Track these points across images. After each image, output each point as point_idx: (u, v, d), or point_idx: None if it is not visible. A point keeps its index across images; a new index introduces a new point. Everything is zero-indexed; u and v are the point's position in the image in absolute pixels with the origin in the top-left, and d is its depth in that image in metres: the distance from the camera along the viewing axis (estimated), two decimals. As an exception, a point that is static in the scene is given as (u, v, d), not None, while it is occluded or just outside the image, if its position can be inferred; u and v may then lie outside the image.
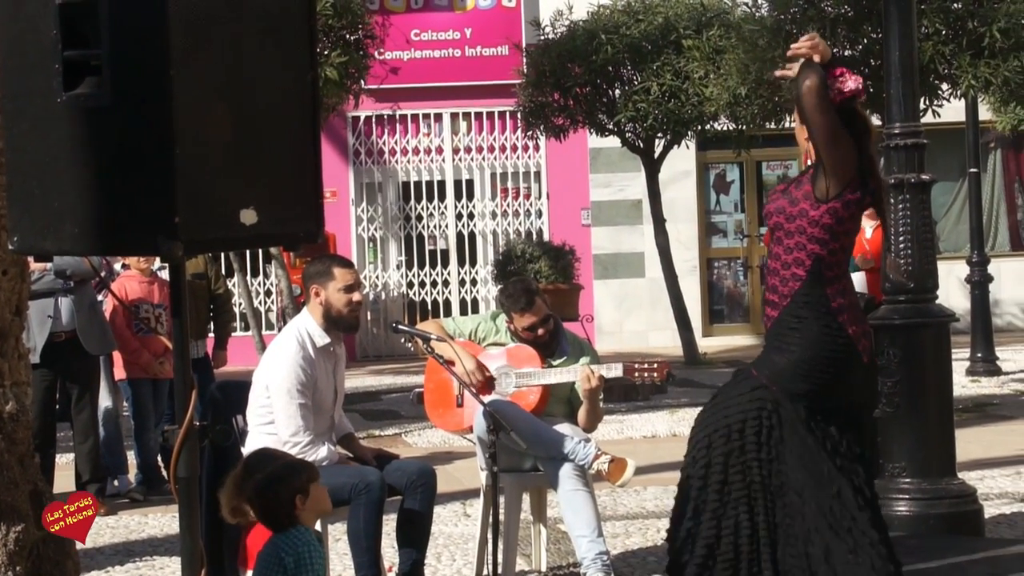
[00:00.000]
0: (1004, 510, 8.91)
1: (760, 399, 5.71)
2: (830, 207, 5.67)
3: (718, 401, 5.88)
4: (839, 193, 5.67)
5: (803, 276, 5.71)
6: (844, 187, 5.66)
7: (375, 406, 15.94)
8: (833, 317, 5.69)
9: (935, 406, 7.65)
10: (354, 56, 14.97)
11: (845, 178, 5.67)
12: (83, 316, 9.88)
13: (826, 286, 5.70)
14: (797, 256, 5.73)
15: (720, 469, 5.73)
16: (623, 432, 13.22)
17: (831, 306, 5.69)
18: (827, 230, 5.68)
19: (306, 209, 4.71)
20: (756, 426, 5.69)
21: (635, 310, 22.30)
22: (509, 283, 7.81)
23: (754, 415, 5.70)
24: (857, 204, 5.73)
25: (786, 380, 5.70)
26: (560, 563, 7.95)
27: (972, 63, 12.49)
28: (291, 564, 5.17)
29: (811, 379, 5.69)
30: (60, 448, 10.51)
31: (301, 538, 5.22)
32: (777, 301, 5.79)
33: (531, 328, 7.55)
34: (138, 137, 4.29)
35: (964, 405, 13.59)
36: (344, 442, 7.18)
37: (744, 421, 5.71)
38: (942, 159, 20.77)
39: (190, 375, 4.75)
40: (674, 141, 18.16)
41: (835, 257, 5.73)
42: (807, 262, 5.71)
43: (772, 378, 5.72)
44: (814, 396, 5.69)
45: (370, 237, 22.56)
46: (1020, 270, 22.65)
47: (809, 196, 5.71)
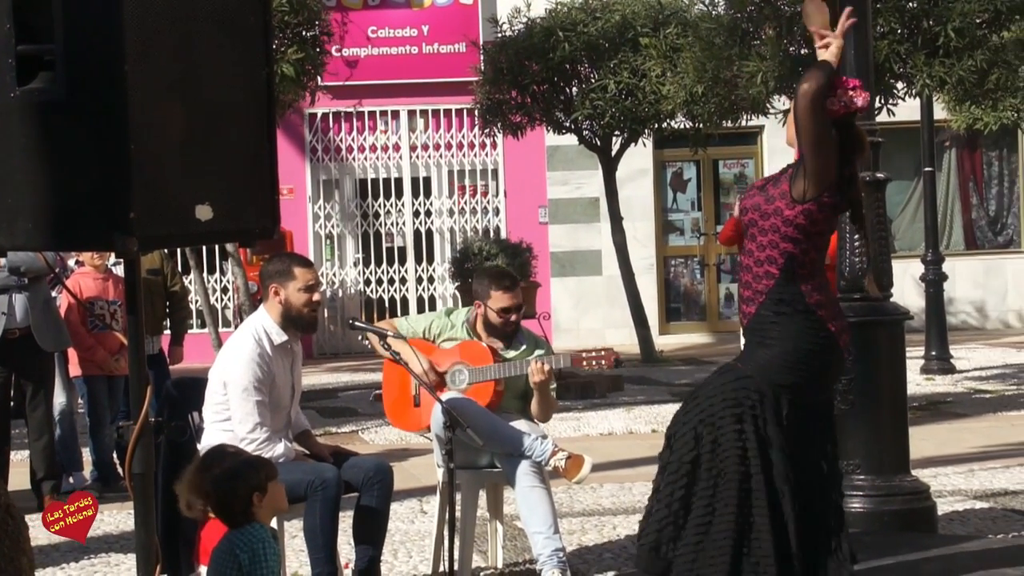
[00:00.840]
0: (957, 507, 8.96)
1: (745, 388, 5.72)
2: (805, 208, 5.69)
3: (701, 393, 5.87)
4: (816, 196, 5.68)
5: (776, 274, 5.73)
6: (822, 191, 5.68)
7: (332, 403, 15.91)
8: (813, 312, 5.72)
9: (889, 404, 7.69)
10: (311, 53, 14.92)
11: (824, 183, 5.68)
12: (37, 313, 9.83)
13: (800, 283, 5.72)
14: (770, 254, 5.75)
15: (709, 459, 5.72)
16: (580, 429, 13.24)
17: (808, 302, 5.72)
18: (800, 230, 5.70)
19: (261, 205, 4.72)
20: (738, 414, 5.70)
21: (592, 308, 22.33)
22: (488, 267, 7.85)
23: (734, 404, 5.71)
24: (832, 208, 5.75)
25: (772, 372, 5.71)
26: (516, 559, 7.95)
27: (927, 62, 12.55)
28: (246, 561, 5.16)
29: (795, 371, 5.72)
30: (15, 445, 10.46)
31: (256, 535, 5.21)
32: (752, 297, 5.81)
33: (506, 310, 7.56)
34: (92, 132, 4.29)
35: (918, 403, 13.67)
36: (301, 439, 7.17)
37: (729, 409, 5.72)
38: (897, 158, 20.88)
39: (145, 371, 4.74)
40: (631, 139, 18.19)
41: (807, 256, 5.74)
42: (780, 260, 5.73)
43: (757, 370, 5.75)
44: (798, 389, 5.71)
45: (327, 234, 22.51)
46: (974, 269, 22.80)
47: (786, 196, 5.73)
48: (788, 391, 5.71)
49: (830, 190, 5.70)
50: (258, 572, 5.16)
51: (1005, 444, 11.42)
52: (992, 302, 23.01)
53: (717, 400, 5.76)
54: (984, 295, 22.96)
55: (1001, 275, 23.00)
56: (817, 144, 5.66)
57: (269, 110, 4.73)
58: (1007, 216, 23.52)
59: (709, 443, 5.73)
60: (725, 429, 5.71)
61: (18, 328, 9.79)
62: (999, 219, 23.57)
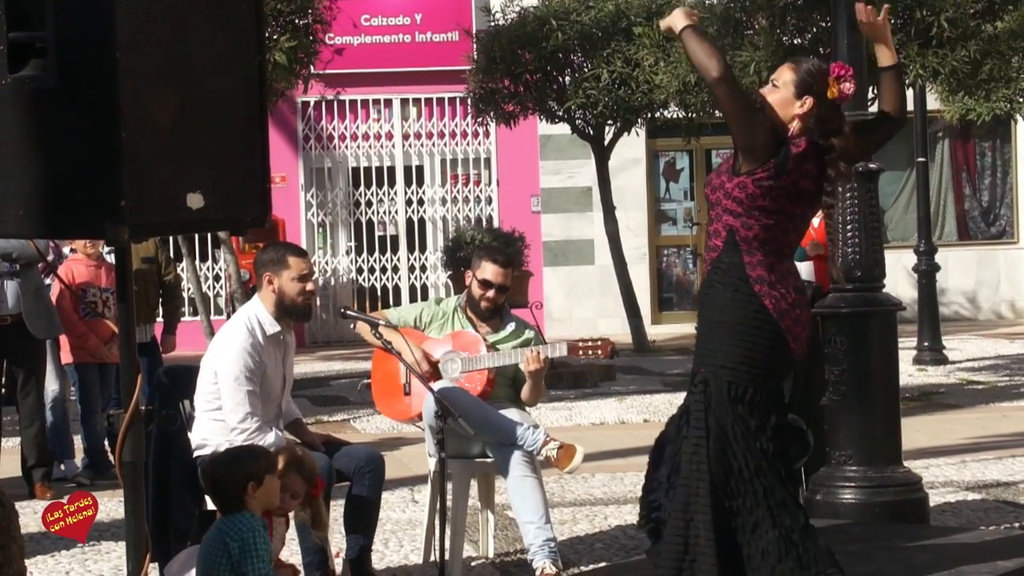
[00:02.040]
0: (949, 498, 8.97)
1: (694, 388, 5.72)
2: (740, 181, 5.69)
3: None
4: (750, 170, 5.69)
5: (719, 246, 5.74)
6: (755, 166, 5.67)
7: (324, 392, 15.91)
8: (748, 285, 5.65)
9: (881, 394, 7.67)
10: (303, 41, 14.89)
11: (753, 156, 5.68)
12: (29, 300, 9.81)
13: (743, 255, 5.69)
14: (716, 227, 5.79)
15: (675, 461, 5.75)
16: (571, 419, 13.24)
17: (746, 272, 5.67)
18: (739, 203, 5.69)
19: (253, 193, 4.71)
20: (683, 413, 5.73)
21: (584, 297, 22.33)
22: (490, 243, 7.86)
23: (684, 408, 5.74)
24: (770, 188, 5.68)
25: (710, 356, 5.70)
26: (508, 549, 7.95)
27: (920, 53, 12.55)
28: (235, 549, 5.16)
29: (730, 351, 5.66)
30: (6, 432, 10.45)
31: (247, 524, 5.21)
32: (706, 270, 5.86)
33: (487, 284, 7.54)
34: (84, 120, 4.28)
35: (911, 394, 13.69)
36: (292, 428, 7.16)
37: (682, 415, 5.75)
38: (890, 148, 20.68)
39: (136, 359, 4.73)
40: (624, 128, 18.18)
41: (750, 231, 5.68)
42: (723, 233, 5.74)
43: (698, 360, 5.75)
44: (737, 372, 5.66)
45: (320, 223, 22.50)
46: (967, 260, 22.81)
47: (729, 169, 5.77)
48: (729, 373, 5.65)
49: (768, 168, 5.67)
50: (248, 561, 5.16)
51: (997, 435, 11.43)
52: (985, 293, 23.02)
53: (683, 408, 5.82)
54: (977, 286, 22.98)
55: (994, 266, 23.02)
56: (737, 120, 5.71)
57: (261, 98, 4.72)
58: (1000, 207, 23.53)
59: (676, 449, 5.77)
60: (679, 434, 5.74)
61: (9, 315, 9.77)
62: (992, 210, 23.58)
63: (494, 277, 7.57)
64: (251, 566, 5.15)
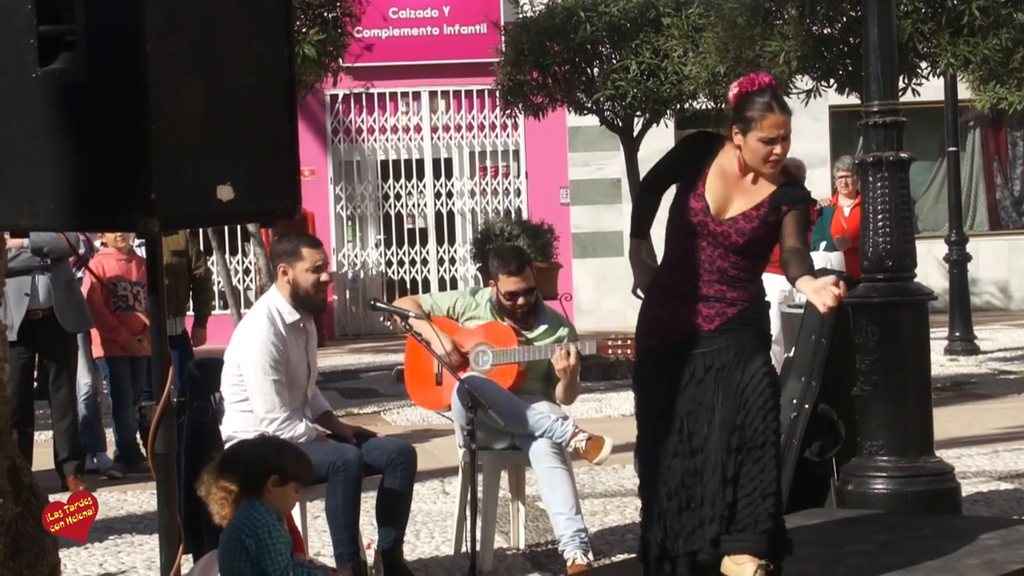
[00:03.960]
0: (981, 488, 8.94)
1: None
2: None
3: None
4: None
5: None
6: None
7: (354, 384, 15.93)
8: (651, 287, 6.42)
9: (913, 384, 7.65)
10: (332, 34, 14.91)
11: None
12: (60, 294, 9.86)
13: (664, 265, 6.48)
14: None
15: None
16: (601, 410, 13.23)
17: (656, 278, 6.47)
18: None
19: (283, 185, 4.71)
20: None
21: (614, 288, 22.28)
22: (502, 247, 7.83)
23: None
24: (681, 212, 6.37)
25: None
26: (538, 540, 7.96)
27: (951, 41, 12.48)
28: (252, 546, 5.16)
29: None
30: (38, 426, 10.50)
31: (260, 519, 5.21)
32: None
33: (513, 295, 7.54)
34: (114, 113, 4.28)
35: (942, 384, 13.65)
36: (322, 420, 7.18)
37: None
38: (921, 138, 20.78)
39: (167, 352, 4.74)
40: (653, 119, 18.11)
41: (669, 243, 6.48)
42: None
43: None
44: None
45: (348, 216, 22.52)
46: (998, 249, 22.71)
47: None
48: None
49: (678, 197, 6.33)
50: (266, 557, 5.17)
51: (1030, 425, 11.40)
52: (1017, 282, 22.91)
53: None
54: (1008, 275, 22.87)
55: (1025, 255, 22.93)
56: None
57: (290, 90, 4.72)
58: (1031, 196, 23.45)
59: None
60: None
61: (41, 309, 9.82)
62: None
63: (516, 287, 7.55)
64: (268, 560, 5.16)
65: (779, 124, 6.04)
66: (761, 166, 6.05)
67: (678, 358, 6.08)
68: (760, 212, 6.05)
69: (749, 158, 6.06)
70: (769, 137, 6.02)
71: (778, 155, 6.04)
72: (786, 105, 6.10)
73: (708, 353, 6.03)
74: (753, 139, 6.03)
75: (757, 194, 6.08)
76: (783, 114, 6.05)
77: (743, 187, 6.11)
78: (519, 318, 7.61)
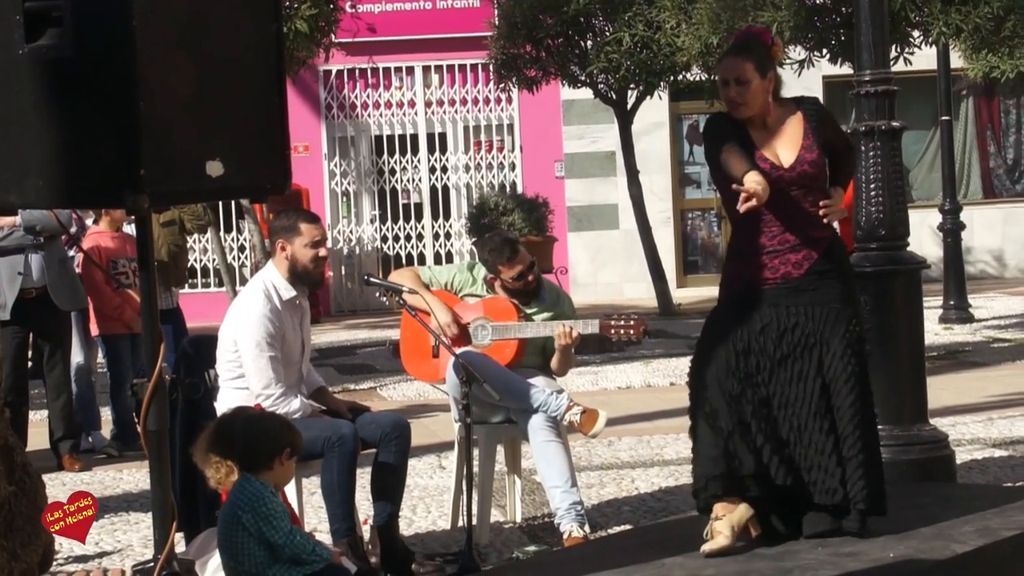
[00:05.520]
0: (976, 455, 8.96)
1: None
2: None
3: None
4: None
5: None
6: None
7: (350, 360, 15.94)
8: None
9: (907, 353, 7.66)
10: (324, 9, 14.89)
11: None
12: (53, 272, 9.85)
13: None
14: None
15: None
16: (598, 383, 13.25)
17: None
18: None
19: (273, 161, 4.70)
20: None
21: (609, 262, 22.31)
22: (487, 238, 7.81)
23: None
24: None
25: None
26: (535, 513, 7.97)
27: (943, 10, 12.47)
28: (251, 521, 5.17)
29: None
30: (33, 405, 10.49)
31: (256, 493, 5.22)
32: None
33: (520, 276, 7.54)
34: (101, 89, 4.27)
35: (937, 352, 13.67)
36: (317, 396, 7.17)
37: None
38: (914, 107, 20.78)
39: (159, 328, 4.73)
40: (647, 92, 18.12)
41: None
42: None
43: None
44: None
45: (343, 191, 22.52)
46: (992, 218, 22.73)
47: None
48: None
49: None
50: (269, 528, 5.18)
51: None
52: (1011, 251, 22.94)
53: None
54: (1002, 244, 22.90)
55: (1019, 223, 22.93)
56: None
57: (279, 65, 4.70)
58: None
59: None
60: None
61: (34, 287, 9.81)
62: (1017, 167, 23.48)
63: (520, 269, 7.55)
64: (271, 530, 5.17)
65: (727, 67, 6.18)
66: (732, 110, 6.18)
67: (766, 304, 6.14)
68: (808, 141, 6.17)
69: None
70: (723, 79, 6.14)
71: (734, 99, 6.12)
72: (743, 49, 6.18)
73: (794, 310, 6.12)
74: (719, 83, 6.20)
75: (792, 128, 6.20)
76: (734, 58, 6.16)
77: (779, 131, 6.21)
78: (525, 294, 7.61)
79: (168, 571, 4.73)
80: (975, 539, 6.11)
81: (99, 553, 7.61)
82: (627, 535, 7.27)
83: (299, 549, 5.21)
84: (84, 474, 9.79)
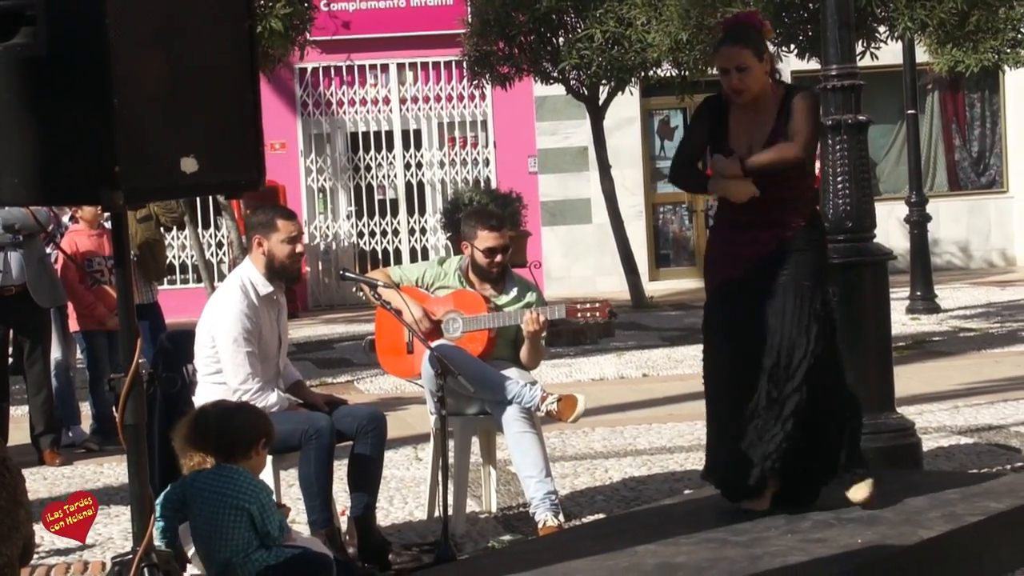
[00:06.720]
0: (942, 443, 9.06)
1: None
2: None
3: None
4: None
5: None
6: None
7: (327, 354, 16.00)
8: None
9: (874, 343, 7.74)
10: (298, 7, 14.93)
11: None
12: (33, 270, 9.90)
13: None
14: None
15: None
16: (571, 375, 13.33)
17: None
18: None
19: (247, 157, 4.73)
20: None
21: (583, 256, 22.39)
22: (476, 207, 7.87)
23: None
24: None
25: None
26: (510, 503, 8.04)
27: (908, 5, 12.57)
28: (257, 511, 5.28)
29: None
30: (14, 401, 10.53)
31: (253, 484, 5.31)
32: None
33: (492, 251, 7.58)
34: (76, 87, 4.31)
35: (904, 342, 13.79)
36: (294, 390, 7.22)
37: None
38: (881, 101, 20.89)
39: (135, 324, 4.78)
40: (618, 88, 18.18)
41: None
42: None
43: None
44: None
45: (320, 188, 22.55)
46: (958, 210, 22.88)
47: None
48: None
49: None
50: (269, 520, 5.27)
51: (989, 380, 11.52)
52: (976, 242, 23.11)
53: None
54: (968, 235, 23.06)
55: (984, 215, 23.11)
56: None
57: (252, 63, 4.74)
58: (990, 157, 23.59)
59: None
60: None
61: (14, 285, 9.85)
62: (982, 160, 23.64)
63: (496, 242, 7.61)
64: (271, 520, 5.28)
65: (726, 57, 6.31)
66: (733, 96, 6.37)
67: (743, 290, 6.38)
68: (782, 129, 6.34)
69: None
70: (722, 68, 6.32)
71: (735, 86, 6.26)
72: (739, 37, 6.32)
73: (762, 286, 6.35)
74: (719, 72, 6.35)
75: (770, 116, 6.37)
76: (731, 47, 6.29)
77: (758, 117, 6.37)
78: (492, 279, 7.67)
79: (147, 563, 4.77)
80: (941, 525, 6.19)
81: (79, 546, 7.65)
82: (600, 524, 7.34)
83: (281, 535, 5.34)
84: (65, 468, 9.84)
